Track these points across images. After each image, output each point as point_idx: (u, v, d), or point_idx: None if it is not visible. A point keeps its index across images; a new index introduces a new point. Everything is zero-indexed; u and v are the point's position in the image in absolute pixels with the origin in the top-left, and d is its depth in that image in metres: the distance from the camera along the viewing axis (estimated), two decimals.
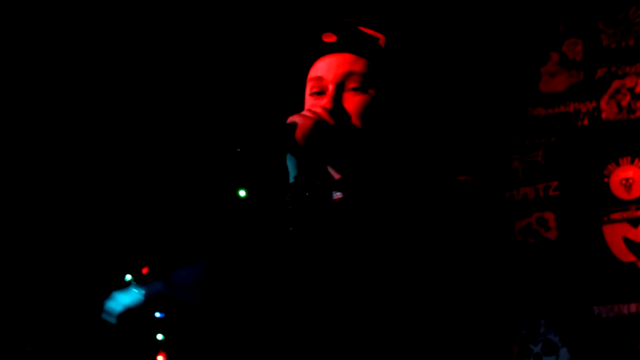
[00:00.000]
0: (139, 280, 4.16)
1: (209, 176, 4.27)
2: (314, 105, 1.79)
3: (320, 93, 1.81)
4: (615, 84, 4.15)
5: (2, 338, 3.91)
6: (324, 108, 1.75)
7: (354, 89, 1.79)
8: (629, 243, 4.04)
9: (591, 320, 4.02)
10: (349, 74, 1.79)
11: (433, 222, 1.91)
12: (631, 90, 4.13)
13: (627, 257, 4.03)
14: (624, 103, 4.13)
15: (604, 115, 4.16)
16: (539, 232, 4.18)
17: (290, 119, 1.73)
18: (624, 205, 4.08)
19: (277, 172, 1.83)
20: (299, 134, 1.70)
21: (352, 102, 1.79)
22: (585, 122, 4.18)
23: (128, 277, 4.12)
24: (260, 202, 1.95)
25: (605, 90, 4.17)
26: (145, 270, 4.29)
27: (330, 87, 1.79)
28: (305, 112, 1.75)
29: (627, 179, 4.08)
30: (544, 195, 4.20)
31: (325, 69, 1.81)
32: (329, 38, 1.80)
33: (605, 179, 4.12)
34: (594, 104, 4.18)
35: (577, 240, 4.11)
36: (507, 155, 4.30)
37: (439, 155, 4.33)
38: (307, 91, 1.85)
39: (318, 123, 1.71)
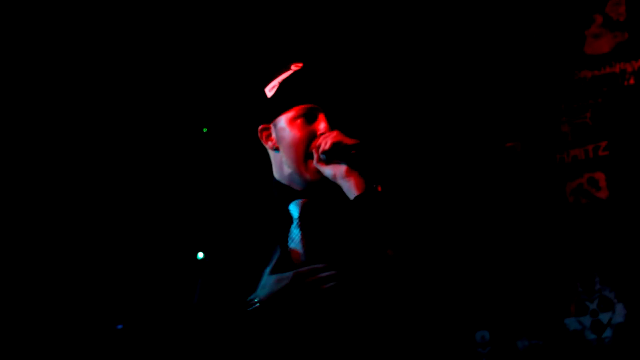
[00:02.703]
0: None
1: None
2: (306, 130, 2.19)
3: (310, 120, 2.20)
4: None
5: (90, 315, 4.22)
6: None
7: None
8: None
9: None
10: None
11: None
12: None
13: None
14: None
15: None
16: (591, 192, 4.28)
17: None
18: None
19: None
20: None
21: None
22: (632, 81, 4.24)
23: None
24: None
25: None
26: None
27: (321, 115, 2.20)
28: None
29: None
30: (594, 155, 4.29)
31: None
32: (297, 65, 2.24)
33: None
34: (639, 63, 4.22)
35: (627, 198, 4.19)
36: (556, 119, 4.40)
37: (489, 121, 4.47)
38: (290, 117, 2.20)
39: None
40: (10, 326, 4.01)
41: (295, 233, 2.18)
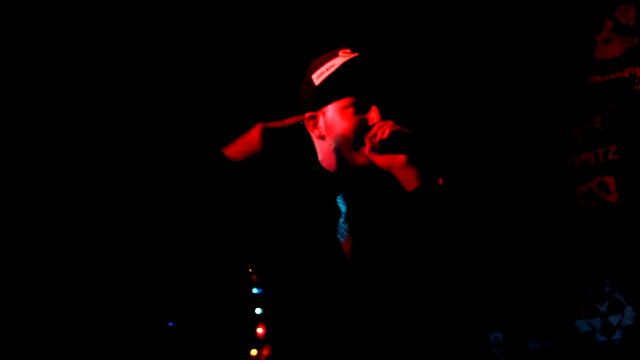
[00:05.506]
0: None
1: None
2: (357, 119, 2.14)
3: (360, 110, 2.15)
4: None
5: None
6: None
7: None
8: None
9: None
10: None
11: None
12: None
13: None
14: None
15: None
16: (600, 195, 4.33)
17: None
18: None
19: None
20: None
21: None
22: None
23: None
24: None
25: None
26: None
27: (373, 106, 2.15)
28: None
29: None
30: (604, 159, 4.34)
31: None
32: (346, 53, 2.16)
33: None
34: None
35: (637, 201, 4.23)
36: (567, 123, 4.45)
37: (500, 127, 4.55)
38: (341, 105, 2.15)
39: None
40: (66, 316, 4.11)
41: (343, 228, 2.13)
